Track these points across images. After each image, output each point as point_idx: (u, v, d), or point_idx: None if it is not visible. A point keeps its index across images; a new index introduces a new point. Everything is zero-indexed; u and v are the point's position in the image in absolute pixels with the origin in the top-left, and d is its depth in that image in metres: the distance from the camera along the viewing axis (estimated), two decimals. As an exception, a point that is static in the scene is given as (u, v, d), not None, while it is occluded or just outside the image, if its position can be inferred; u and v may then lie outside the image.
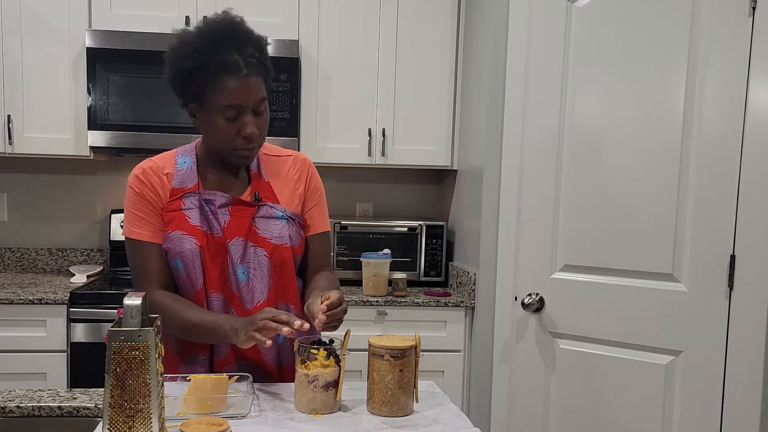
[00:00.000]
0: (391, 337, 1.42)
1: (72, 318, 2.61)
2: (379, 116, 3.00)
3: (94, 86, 2.76)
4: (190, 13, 2.87)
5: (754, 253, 2.02)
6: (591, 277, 2.28)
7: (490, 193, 2.56)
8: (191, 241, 1.51)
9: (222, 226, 1.54)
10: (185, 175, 1.56)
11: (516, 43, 2.40)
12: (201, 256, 1.52)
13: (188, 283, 1.53)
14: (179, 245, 1.51)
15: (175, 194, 1.54)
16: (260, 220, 1.56)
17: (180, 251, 1.51)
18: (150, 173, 1.56)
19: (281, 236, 1.57)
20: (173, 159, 1.59)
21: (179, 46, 1.49)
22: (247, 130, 1.48)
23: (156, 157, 1.60)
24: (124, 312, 1.05)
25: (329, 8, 2.94)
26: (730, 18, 2.02)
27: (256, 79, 1.48)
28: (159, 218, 1.54)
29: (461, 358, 2.82)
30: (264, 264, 1.56)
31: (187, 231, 1.52)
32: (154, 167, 1.57)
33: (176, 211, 1.53)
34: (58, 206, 3.23)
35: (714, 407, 2.10)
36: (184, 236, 1.51)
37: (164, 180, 1.55)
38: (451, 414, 1.40)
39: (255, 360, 1.56)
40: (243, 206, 1.56)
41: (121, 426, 1.03)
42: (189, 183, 1.56)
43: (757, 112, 2.00)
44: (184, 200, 1.54)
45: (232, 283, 1.54)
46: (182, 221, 1.52)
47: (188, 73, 1.46)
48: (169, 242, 1.52)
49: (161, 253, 1.54)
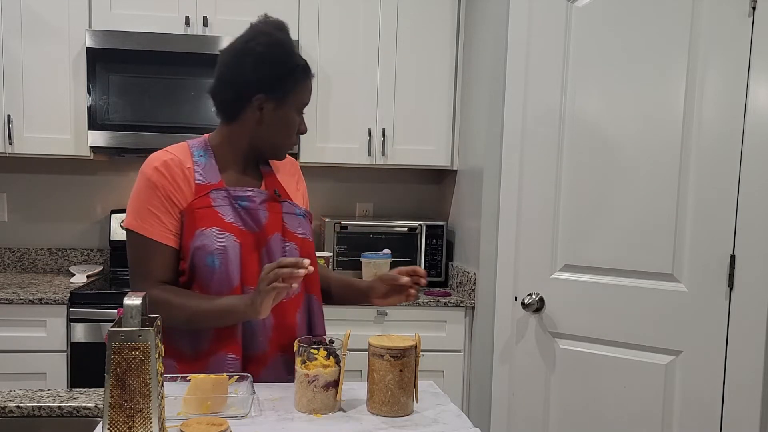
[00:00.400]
0: (391, 337, 1.42)
1: (72, 318, 2.61)
2: (379, 116, 3.01)
3: (94, 86, 2.76)
4: (190, 13, 2.87)
5: (754, 253, 2.02)
6: (591, 277, 2.28)
7: (490, 193, 2.56)
8: (229, 237, 1.51)
9: (263, 223, 1.56)
10: (205, 170, 1.55)
11: (516, 43, 2.40)
12: (240, 252, 1.51)
13: (224, 279, 1.50)
14: (217, 242, 1.49)
15: (201, 191, 1.52)
16: (286, 216, 1.61)
17: (218, 248, 1.49)
18: (172, 167, 1.51)
19: (305, 232, 1.63)
20: (189, 152, 1.56)
21: (276, 46, 1.53)
22: (304, 127, 1.61)
23: (171, 149, 1.56)
24: (124, 312, 1.05)
25: (329, 8, 2.95)
26: (730, 18, 2.02)
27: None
28: (173, 218, 1.51)
29: (461, 358, 2.82)
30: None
31: (224, 228, 1.51)
32: (175, 160, 1.52)
33: (207, 208, 1.51)
34: (58, 206, 3.23)
35: (714, 407, 2.10)
36: (221, 233, 1.50)
37: (187, 174, 1.52)
38: (451, 414, 1.40)
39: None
40: (275, 203, 1.60)
41: (121, 426, 1.03)
42: (212, 179, 1.54)
43: (757, 112, 2.00)
44: (212, 197, 1.52)
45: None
46: (216, 218, 1.51)
47: (286, 71, 1.53)
48: (205, 239, 1.49)
49: (169, 254, 1.52)
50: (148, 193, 1.50)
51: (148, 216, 1.50)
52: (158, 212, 1.50)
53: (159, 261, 1.51)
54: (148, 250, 1.51)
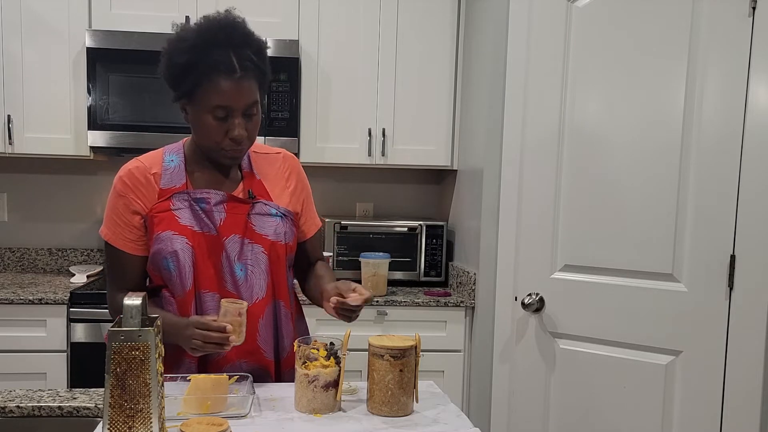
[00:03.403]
0: (391, 337, 1.42)
1: (72, 318, 2.61)
2: (379, 116, 3.00)
3: (94, 86, 2.76)
4: (190, 13, 2.87)
5: (754, 253, 2.02)
6: (591, 277, 2.28)
7: (490, 193, 2.56)
8: (182, 240, 1.50)
9: (218, 224, 1.54)
10: (173, 174, 1.55)
11: (516, 43, 2.40)
12: (192, 255, 1.51)
13: (179, 282, 1.52)
14: (170, 245, 1.50)
15: (164, 195, 1.53)
16: (255, 217, 1.57)
17: (171, 251, 1.50)
18: (135, 175, 1.53)
19: (277, 233, 1.58)
20: (160, 158, 1.57)
21: (176, 41, 1.48)
22: (235, 132, 1.47)
23: (143, 156, 1.58)
24: (124, 312, 1.05)
25: (329, 8, 2.94)
26: (730, 18, 2.02)
27: (250, 82, 1.48)
28: (135, 226, 1.53)
29: (461, 358, 2.82)
30: (262, 260, 1.56)
31: (177, 231, 1.51)
32: (140, 167, 1.54)
33: (165, 212, 1.52)
34: (58, 206, 3.23)
35: (714, 407, 2.10)
36: (174, 236, 1.50)
37: (151, 180, 1.53)
38: (451, 414, 1.40)
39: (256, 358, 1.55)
40: (238, 203, 1.56)
41: (121, 426, 1.03)
42: (177, 182, 1.54)
43: (757, 112, 2.00)
44: (173, 200, 1.53)
45: (228, 281, 1.54)
46: (172, 221, 1.51)
47: (182, 69, 1.45)
48: (160, 243, 1.51)
49: (133, 262, 1.55)
50: (114, 202, 1.55)
51: (111, 223, 1.55)
52: (121, 222, 1.54)
53: (126, 268, 1.56)
54: (115, 257, 1.57)
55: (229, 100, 1.45)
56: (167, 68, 1.49)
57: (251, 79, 1.48)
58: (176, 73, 1.47)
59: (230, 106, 1.46)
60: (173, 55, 1.47)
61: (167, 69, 1.49)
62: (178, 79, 1.48)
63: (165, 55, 1.49)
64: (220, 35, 1.46)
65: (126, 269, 1.56)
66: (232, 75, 1.44)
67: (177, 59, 1.46)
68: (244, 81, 1.46)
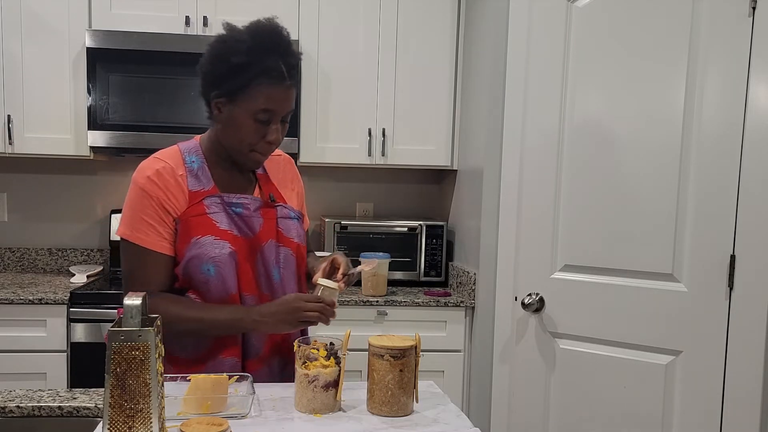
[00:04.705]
0: (391, 337, 1.42)
1: (72, 318, 2.61)
2: (379, 116, 3.00)
3: (94, 86, 2.76)
4: (190, 13, 2.87)
5: (754, 253, 2.02)
6: (591, 277, 2.28)
7: (490, 193, 2.56)
8: (225, 245, 1.50)
9: (257, 230, 1.55)
10: (198, 176, 1.54)
11: (516, 43, 2.40)
12: (235, 259, 1.51)
13: (221, 287, 1.51)
14: (212, 250, 1.49)
15: (195, 198, 1.51)
16: (282, 221, 1.61)
17: (213, 256, 1.49)
18: (164, 175, 1.50)
19: (299, 235, 1.64)
20: (180, 158, 1.55)
21: (231, 41, 1.48)
22: (273, 137, 1.51)
23: (161, 155, 1.55)
24: (124, 312, 1.05)
25: (329, 8, 2.94)
26: (730, 18, 2.02)
27: (293, 91, 1.52)
28: (168, 226, 1.50)
29: (461, 358, 2.82)
30: (292, 263, 1.61)
31: (218, 236, 1.50)
32: (167, 168, 1.51)
33: (201, 216, 1.51)
34: (58, 206, 3.23)
35: (714, 407, 2.10)
36: (216, 241, 1.50)
37: (179, 182, 1.51)
38: (451, 414, 1.40)
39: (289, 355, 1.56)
40: (268, 208, 1.59)
41: (121, 426, 1.03)
42: (205, 185, 1.54)
43: (757, 112, 2.00)
44: (206, 204, 1.52)
45: (263, 284, 1.57)
46: (211, 226, 1.51)
47: (233, 69, 1.46)
48: (200, 248, 1.49)
49: (164, 262, 1.51)
50: (141, 202, 1.50)
51: (143, 225, 1.49)
52: (153, 221, 1.49)
53: (154, 269, 1.51)
54: (143, 258, 1.50)
55: (275, 105, 1.48)
56: (214, 65, 1.49)
57: (294, 88, 1.52)
58: (224, 72, 1.47)
59: (274, 111, 1.48)
60: (227, 54, 1.47)
61: (213, 65, 1.49)
62: (224, 77, 1.47)
63: (215, 53, 1.49)
64: (272, 41, 1.49)
65: (158, 269, 1.51)
66: (282, 82, 1.47)
67: (232, 58, 1.46)
68: (290, 89, 1.50)
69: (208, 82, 1.51)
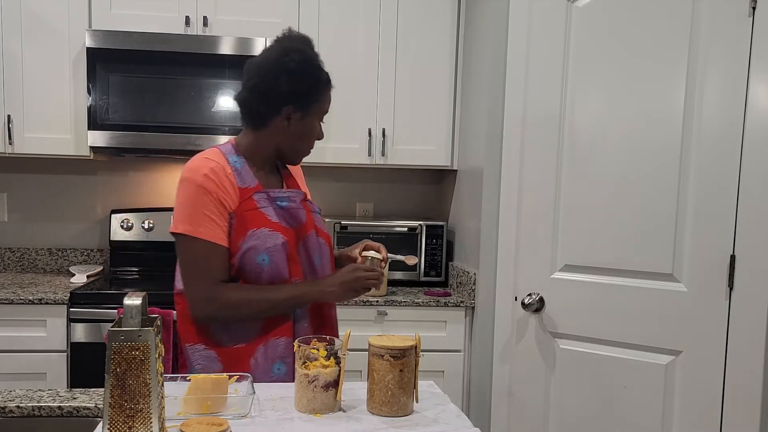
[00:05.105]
0: (391, 337, 1.42)
1: (72, 318, 2.61)
2: (379, 116, 3.00)
3: (94, 86, 2.76)
4: (190, 13, 2.87)
5: (754, 253, 2.02)
6: (591, 277, 2.28)
7: (490, 193, 2.56)
8: (278, 236, 1.63)
9: (303, 221, 1.71)
10: (242, 175, 1.66)
11: (516, 43, 2.40)
12: (287, 249, 1.65)
13: (275, 274, 1.63)
14: (267, 241, 1.62)
15: (245, 194, 1.64)
16: (313, 214, 1.78)
17: (269, 247, 1.62)
18: (219, 173, 1.61)
19: (326, 228, 1.83)
20: (224, 158, 1.65)
21: (310, 60, 1.66)
22: (322, 134, 1.75)
23: (209, 155, 1.65)
24: (124, 312, 1.05)
25: (329, 8, 2.95)
26: (730, 18, 2.02)
27: None
28: (225, 220, 1.61)
29: (461, 358, 2.82)
30: (327, 251, 1.78)
31: (272, 228, 1.63)
32: (219, 167, 1.62)
33: (254, 210, 1.63)
34: (58, 206, 3.23)
35: (714, 407, 2.10)
36: (270, 233, 1.63)
37: (231, 180, 1.63)
38: (451, 414, 1.40)
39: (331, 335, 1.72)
40: (306, 203, 1.76)
41: (121, 426, 1.03)
42: (251, 183, 1.66)
43: (757, 112, 2.00)
44: (255, 199, 1.64)
45: (307, 271, 1.71)
46: (264, 219, 1.64)
47: (316, 83, 1.66)
48: (257, 239, 1.61)
49: (224, 254, 1.62)
50: (201, 198, 1.59)
51: (204, 220, 1.59)
52: (213, 216, 1.60)
53: (218, 261, 1.61)
54: (206, 252, 1.61)
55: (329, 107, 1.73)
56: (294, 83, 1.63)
57: None
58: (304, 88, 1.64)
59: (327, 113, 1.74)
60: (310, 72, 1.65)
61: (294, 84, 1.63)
62: (305, 92, 1.65)
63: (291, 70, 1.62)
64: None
65: (220, 261, 1.62)
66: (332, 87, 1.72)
67: (315, 74, 1.66)
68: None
69: (281, 97, 1.64)
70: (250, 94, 1.66)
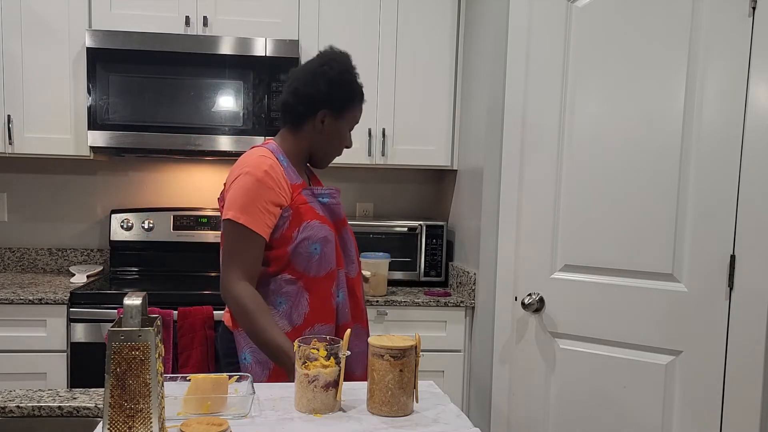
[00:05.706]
0: (391, 337, 1.42)
1: (72, 318, 2.61)
2: (379, 116, 3.00)
3: (94, 86, 2.76)
4: (190, 13, 2.87)
5: (754, 253, 2.02)
6: (591, 277, 2.28)
7: (490, 193, 2.56)
8: (326, 228, 1.79)
9: (342, 215, 1.89)
10: (290, 172, 1.78)
11: (516, 43, 2.40)
12: (332, 240, 1.80)
13: (324, 263, 1.77)
14: (319, 232, 1.76)
15: (295, 190, 1.77)
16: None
17: (320, 237, 1.76)
18: (277, 170, 1.74)
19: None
20: (275, 156, 1.77)
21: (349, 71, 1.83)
22: (350, 142, 1.91)
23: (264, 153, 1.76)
24: (124, 312, 1.05)
25: (329, 8, 2.95)
26: (730, 18, 2.02)
27: None
28: (275, 215, 1.73)
29: (461, 358, 2.82)
30: (353, 243, 1.93)
31: (321, 220, 1.78)
32: (275, 165, 1.75)
33: (304, 204, 1.77)
34: (58, 206, 3.23)
35: (714, 407, 2.10)
36: (321, 225, 1.78)
37: (284, 177, 1.76)
38: (451, 414, 1.40)
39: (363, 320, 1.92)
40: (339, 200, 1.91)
41: (121, 426, 1.03)
42: (297, 180, 1.79)
43: (757, 112, 2.00)
44: (303, 194, 1.78)
45: (345, 260, 1.87)
46: (313, 212, 1.78)
47: (351, 91, 1.82)
48: (311, 230, 1.75)
49: (262, 245, 1.73)
50: (260, 191, 1.71)
51: (257, 211, 1.71)
52: (264, 210, 1.71)
53: (255, 250, 1.73)
54: (249, 241, 1.72)
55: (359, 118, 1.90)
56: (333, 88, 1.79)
57: None
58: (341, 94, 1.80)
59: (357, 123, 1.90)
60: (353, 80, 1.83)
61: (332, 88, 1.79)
62: (342, 98, 1.81)
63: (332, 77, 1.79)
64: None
65: (257, 252, 1.74)
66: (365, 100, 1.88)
67: (356, 83, 1.84)
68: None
69: (318, 99, 1.79)
70: (290, 97, 1.80)
